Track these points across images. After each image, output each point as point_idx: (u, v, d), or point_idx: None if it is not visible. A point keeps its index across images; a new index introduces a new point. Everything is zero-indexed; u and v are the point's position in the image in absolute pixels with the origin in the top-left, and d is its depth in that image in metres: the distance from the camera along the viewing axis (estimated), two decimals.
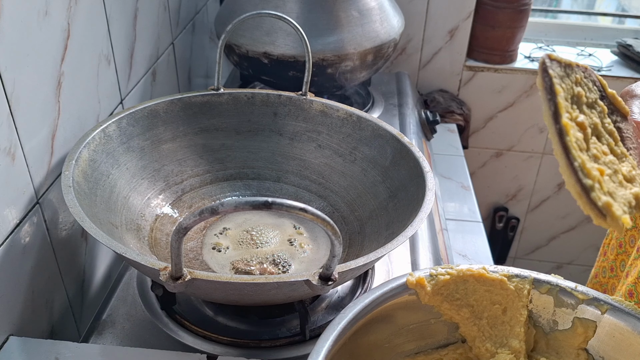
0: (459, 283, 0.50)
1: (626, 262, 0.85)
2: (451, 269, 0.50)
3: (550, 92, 0.35)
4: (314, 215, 0.42)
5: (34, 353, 0.57)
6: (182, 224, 0.43)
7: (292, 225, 0.77)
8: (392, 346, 0.51)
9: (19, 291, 0.60)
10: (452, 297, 0.51)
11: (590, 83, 0.42)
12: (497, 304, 0.51)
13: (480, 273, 0.50)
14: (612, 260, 0.88)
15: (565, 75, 0.38)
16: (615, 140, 0.42)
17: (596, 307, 0.49)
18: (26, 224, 0.61)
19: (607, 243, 0.90)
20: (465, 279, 0.50)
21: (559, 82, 0.36)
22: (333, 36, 0.98)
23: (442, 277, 0.50)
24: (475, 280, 0.50)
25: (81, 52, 0.69)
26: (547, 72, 0.36)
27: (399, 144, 0.73)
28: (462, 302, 0.51)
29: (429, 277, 0.50)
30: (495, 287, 0.50)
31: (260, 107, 0.82)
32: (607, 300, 0.49)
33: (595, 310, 0.49)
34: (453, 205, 1.24)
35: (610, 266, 0.88)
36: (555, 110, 0.35)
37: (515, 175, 1.78)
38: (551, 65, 0.36)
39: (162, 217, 0.74)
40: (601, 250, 0.92)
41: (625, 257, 0.85)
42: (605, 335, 0.49)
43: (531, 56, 1.63)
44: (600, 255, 0.92)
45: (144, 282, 0.71)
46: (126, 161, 0.72)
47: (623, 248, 0.86)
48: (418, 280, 0.49)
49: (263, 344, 0.63)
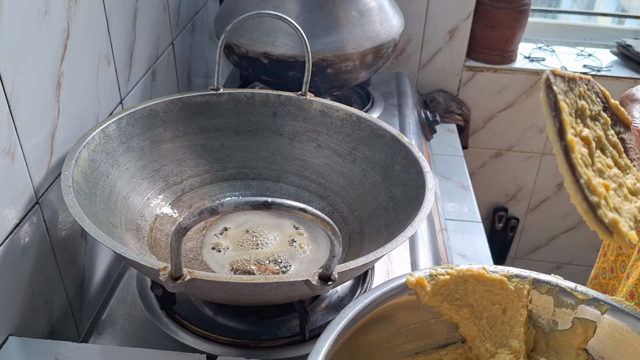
0: (459, 283, 0.50)
1: (626, 263, 0.85)
2: (451, 269, 0.50)
3: (555, 108, 0.35)
4: (313, 216, 0.42)
5: (33, 353, 0.57)
6: (182, 224, 0.43)
7: (292, 226, 0.77)
8: (392, 346, 0.51)
9: (18, 291, 0.60)
10: (452, 297, 0.51)
11: (594, 95, 0.42)
12: (497, 304, 0.51)
13: (480, 273, 0.50)
14: (612, 261, 0.88)
15: (569, 89, 0.37)
16: (619, 152, 0.42)
17: (596, 307, 0.49)
18: (26, 224, 0.61)
19: (607, 244, 0.90)
20: (465, 279, 0.50)
21: (563, 97, 0.36)
22: (333, 36, 0.98)
23: (442, 277, 0.50)
24: (475, 280, 0.50)
25: (81, 52, 0.69)
26: (551, 89, 0.35)
27: (399, 144, 0.73)
28: (462, 302, 0.51)
29: (428, 277, 0.50)
30: (495, 287, 0.50)
31: (260, 107, 0.82)
32: (607, 300, 0.49)
33: (595, 311, 0.49)
34: (453, 205, 1.24)
35: (610, 267, 0.88)
36: (560, 127, 0.35)
37: (514, 175, 1.78)
38: (555, 82, 0.36)
39: (161, 217, 0.74)
40: (601, 251, 0.92)
41: (626, 258, 0.85)
42: (605, 335, 0.49)
43: (531, 56, 1.63)
44: (600, 256, 0.92)
45: (143, 282, 0.71)
46: (126, 161, 0.72)
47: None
48: (418, 280, 0.49)
49: (263, 344, 0.63)
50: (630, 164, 0.42)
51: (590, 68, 1.59)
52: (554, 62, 1.60)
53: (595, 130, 0.40)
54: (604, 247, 0.92)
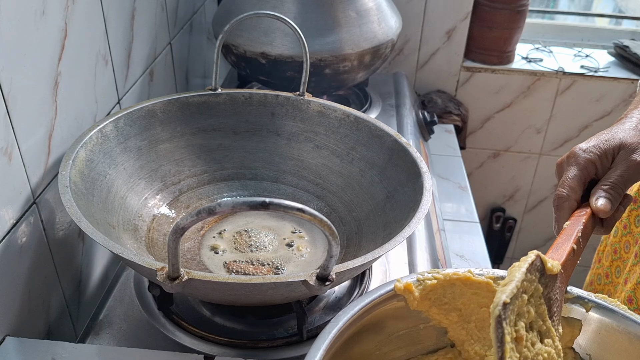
0: (447, 287, 0.50)
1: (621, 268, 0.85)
2: (438, 274, 0.50)
3: (501, 341, 0.40)
4: (311, 216, 0.42)
5: (30, 353, 0.57)
6: (179, 224, 0.43)
7: (291, 228, 0.77)
8: (382, 354, 0.51)
9: (15, 291, 0.60)
10: (440, 301, 0.51)
11: (534, 275, 0.45)
12: (484, 307, 0.51)
13: (466, 276, 0.50)
14: (607, 267, 0.88)
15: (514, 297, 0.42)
16: (544, 320, 0.46)
17: (581, 305, 0.49)
18: (23, 224, 0.60)
19: (602, 250, 0.90)
20: (452, 282, 0.50)
21: (508, 327, 0.41)
22: (331, 36, 0.98)
23: (430, 282, 0.50)
24: (462, 283, 0.50)
25: (78, 52, 0.69)
26: (500, 325, 0.40)
27: (397, 144, 0.73)
28: (450, 306, 0.51)
29: (416, 282, 0.50)
30: (481, 289, 0.50)
31: (258, 107, 0.82)
32: (591, 298, 0.49)
33: (580, 309, 0.49)
34: (450, 205, 1.24)
35: (605, 273, 0.88)
36: (502, 356, 0.40)
37: (512, 175, 1.78)
38: (505, 317, 0.40)
39: (159, 217, 0.74)
40: (595, 257, 0.92)
41: (621, 264, 0.85)
42: (591, 333, 0.49)
43: (528, 57, 1.63)
44: (595, 262, 0.92)
45: (141, 282, 0.71)
46: (123, 161, 0.72)
47: (618, 254, 0.85)
48: (406, 286, 0.49)
49: (260, 345, 0.63)
50: (550, 326, 0.46)
51: (587, 69, 1.59)
52: (552, 63, 1.61)
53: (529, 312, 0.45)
54: (598, 254, 0.92)
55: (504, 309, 0.40)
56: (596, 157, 0.58)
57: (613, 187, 0.56)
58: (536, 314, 0.46)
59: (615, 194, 0.56)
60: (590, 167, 0.58)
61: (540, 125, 1.68)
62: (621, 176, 0.57)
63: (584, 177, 0.58)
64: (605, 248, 0.89)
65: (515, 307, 0.42)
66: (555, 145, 1.72)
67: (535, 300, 0.46)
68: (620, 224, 0.85)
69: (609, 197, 0.56)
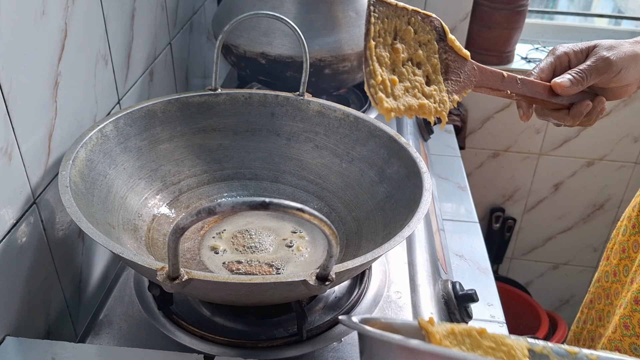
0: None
1: (629, 267, 0.84)
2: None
3: (367, 20, 0.50)
4: (311, 216, 0.42)
5: (30, 353, 0.57)
6: (179, 224, 0.43)
7: (291, 228, 0.77)
8: None
9: (15, 291, 0.60)
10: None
11: (429, 26, 0.56)
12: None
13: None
14: (615, 265, 0.87)
15: (394, 15, 0.52)
16: (436, 72, 0.55)
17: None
18: (23, 224, 0.61)
19: (611, 247, 0.90)
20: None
21: (378, 15, 0.51)
22: (330, 37, 0.98)
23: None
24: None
25: (78, 52, 0.69)
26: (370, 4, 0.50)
27: (396, 144, 0.73)
28: None
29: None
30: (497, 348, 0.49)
31: (258, 107, 0.82)
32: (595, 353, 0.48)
33: None
34: (450, 205, 1.24)
35: (613, 271, 0.88)
36: (367, 31, 0.50)
37: (511, 175, 1.78)
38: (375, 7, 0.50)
39: (159, 217, 0.74)
40: (604, 254, 0.92)
41: (629, 262, 0.85)
42: None
43: (528, 57, 1.63)
44: (603, 259, 0.92)
45: (141, 282, 0.71)
46: (123, 161, 0.72)
47: (626, 253, 0.85)
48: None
49: (260, 344, 0.63)
50: (441, 79, 0.56)
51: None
52: None
53: (416, 49, 0.54)
54: (607, 251, 0.92)
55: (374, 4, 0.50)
56: (571, 51, 0.65)
57: (577, 71, 0.63)
58: (427, 59, 0.55)
59: (577, 77, 0.63)
60: (563, 57, 0.65)
61: (539, 126, 1.69)
62: (588, 65, 0.63)
63: (556, 64, 0.65)
64: (614, 246, 0.89)
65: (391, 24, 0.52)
66: (555, 145, 1.72)
67: (427, 50, 0.55)
68: (629, 223, 0.85)
69: (570, 78, 0.63)
